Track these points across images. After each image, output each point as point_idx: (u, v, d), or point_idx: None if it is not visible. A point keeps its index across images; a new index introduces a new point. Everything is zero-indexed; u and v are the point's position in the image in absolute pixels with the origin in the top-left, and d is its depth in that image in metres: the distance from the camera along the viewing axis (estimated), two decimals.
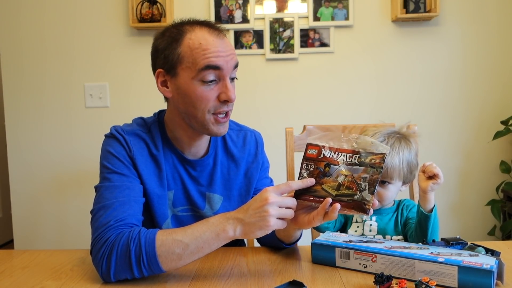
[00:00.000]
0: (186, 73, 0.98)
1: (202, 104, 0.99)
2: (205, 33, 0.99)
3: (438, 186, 1.03)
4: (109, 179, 0.99)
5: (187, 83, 0.99)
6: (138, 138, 1.06)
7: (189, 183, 1.10)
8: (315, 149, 0.91)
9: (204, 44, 0.97)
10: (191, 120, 1.03)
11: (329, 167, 0.88)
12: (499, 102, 2.34)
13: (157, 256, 0.86)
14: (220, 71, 0.98)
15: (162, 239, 0.87)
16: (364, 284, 0.86)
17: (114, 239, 0.89)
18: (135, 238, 0.87)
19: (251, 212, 0.86)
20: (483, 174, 2.37)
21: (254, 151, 1.19)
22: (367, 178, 0.84)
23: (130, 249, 0.86)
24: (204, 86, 0.98)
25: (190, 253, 0.87)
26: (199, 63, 0.97)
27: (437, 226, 1.07)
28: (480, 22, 2.31)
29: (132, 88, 2.37)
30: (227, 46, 1.01)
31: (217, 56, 0.97)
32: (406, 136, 1.18)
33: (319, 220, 0.88)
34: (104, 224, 0.92)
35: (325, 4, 2.29)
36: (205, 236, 0.87)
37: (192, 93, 0.99)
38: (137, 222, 0.95)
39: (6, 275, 0.95)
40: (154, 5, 2.26)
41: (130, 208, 0.96)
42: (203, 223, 0.89)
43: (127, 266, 0.87)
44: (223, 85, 1.00)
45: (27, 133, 2.40)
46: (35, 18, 2.35)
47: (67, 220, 2.40)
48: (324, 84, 2.36)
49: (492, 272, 0.78)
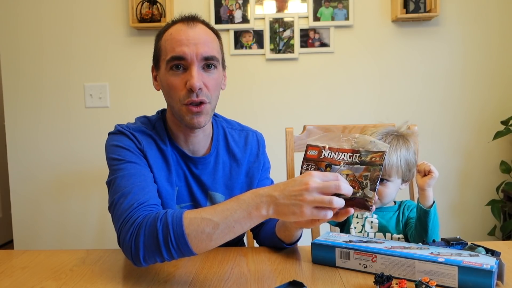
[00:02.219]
0: (163, 65, 1.02)
1: (174, 93, 1.01)
2: (179, 25, 1.02)
3: (434, 180, 1.06)
4: (122, 169, 0.98)
5: (164, 74, 1.02)
6: (144, 135, 1.07)
7: (191, 180, 1.11)
8: (315, 150, 0.92)
9: (173, 35, 1.00)
10: (173, 112, 1.05)
11: (330, 167, 0.89)
12: (499, 102, 2.34)
13: (186, 235, 0.81)
14: (185, 60, 0.99)
15: (190, 217, 0.82)
16: (364, 284, 0.86)
17: (142, 220, 0.86)
18: (162, 217, 0.84)
19: (287, 193, 0.78)
20: (483, 174, 2.37)
21: (255, 151, 1.19)
22: (368, 176, 0.85)
23: (157, 229, 0.82)
24: (173, 76, 1.00)
25: (220, 232, 0.81)
26: (168, 55, 1.00)
27: (437, 223, 1.08)
28: (480, 22, 2.31)
29: (132, 88, 2.37)
30: (196, 34, 1.00)
31: (181, 45, 0.98)
32: (404, 135, 1.19)
33: (323, 221, 0.88)
34: (128, 208, 0.89)
35: (325, 4, 2.29)
36: (236, 215, 0.81)
37: (165, 83, 1.02)
38: (159, 204, 0.95)
39: (6, 275, 0.95)
40: (154, 5, 2.25)
41: (150, 191, 0.95)
42: (233, 201, 0.82)
43: (156, 247, 0.83)
44: (188, 73, 0.99)
45: (27, 133, 2.40)
46: (35, 18, 2.35)
47: (67, 220, 2.40)
48: (324, 84, 2.36)
49: (492, 272, 0.78)
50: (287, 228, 1.00)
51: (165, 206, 1.05)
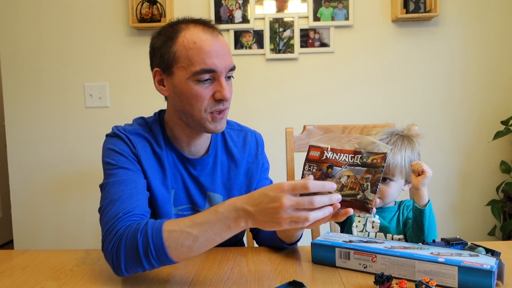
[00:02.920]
0: (182, 72, 0.99)
1: (198, 103, 0.99)
2: (199, 31, 0.99)
3: (428, 179, 1.06)
4: (114, 175, 0.99)
5: (183, 82, 0.99)
6: (140, 137, 1.06)
7: (189, 182, 1.11)
8: (318, 151, 0.92)
9: (198, 43, 0.97)
10: (188, 118, 1.03)
11: (331, 169, 0.89)
12: (500, 102, 2.34)
13: (166, 247, 0.82)
14: (215, 73, 0.99)
15: (170, 229, 0.83)
16: (364, 284, 0.86)
17: (123, 231, 0.87)
18: (142, 229, 0.84)
19: (262, 210, 0.78)
20: (484, 174, 2.37)
21: (254, 152, 1.19)
22: (369, 178, 0.85)
23: (137, 241, 0.83)
24: (199, 85, 0.99)
25: (200, 244, 0.82)
26: (195, 66, 0.97)
27: (434, 222, 1.08)
28: (480, 22, 2.31)
29: (132, 88, 2.37)
30: (222, 45, 1.01)
31: (211, 57, 0.97)
32: (409, 137, 1.20)
33: (323, 221, 0.88)
34: (113, 217, 0.90)
35: (325, 4, 2.29)
36: (215, 228, 0.81)
37: (187, 92, 0.99)
38: (146, 213, 0.95)
39: (6, 275, 0.95)
40: (154, 5, 2.25)
41: (138, 200, 0.95)
42: (212, 213, 0.82)
43: (137, 258, 0.84)
44: (218, 84, 0.99)
45: (27, 133, 2.40)
46: (35, 18, 2.35)
47: (67, 220, 2.40)
48: (324, 84, 2.35)
49: (492, 272, 0.78)
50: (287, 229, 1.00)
51: (162, 209, 1.05)
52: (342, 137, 0.92)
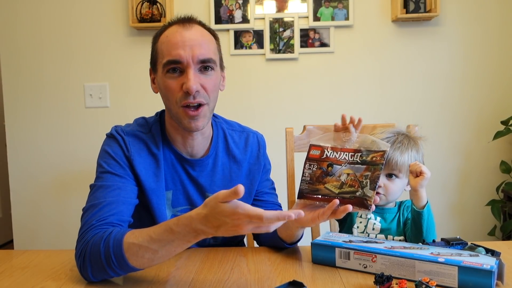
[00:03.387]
0: (160, 68, 1.02)
1: (171, 96, 1.01)
2: (175, 27, 1.01)
3: (426, 181, 1.06)
4: (102, 178, 1.01)
5: (161, 77, 1.02)
6: (137, 139, 1.07)
7: (187, 183, 1.10)
8: (318, 150, 0.92)
9: (169, 37, 1.00)
10: (172, 115, 1.05)
11: (331, 167, 0.90)
12: (499, 102, 2.34)
13: (126, 258, 0.83)
14: (181, 63, 0.98)
15: (129, 242, 0.82)
16: (364, 284, 0.86)
17: (90, 239, 0.88)
18: (106, 238, 0.85)
19: (221, 230, 0.75)
20: (483, 174, 2.37)
21: (256, 153, 1.18)
22: (368, 176, 0.85)
23: (100, 250, 0.85)
24: (169, 78, 1.00)
25: (161, 256, 0.82)
26: (164, 58, 1.00)
27: (433, 223, 1.08)
28: (480, 22, 2.31)
29: (132, 88, 2.37)
30: (192, 36, 0.99)
31: (177, 48, 0.98)
32: (414, 139, 1.21)
33: (323, 219, 0.88)
34: (87, 224, 0.93)
35: (325, 4, 2.29)
36: (175, 244, 0.80)
37: (162, 86, 1.02)
38: (119, 222, 0.94)
39: (6, 275, 0.95)
40: (154, 5, 2.25)
41: (115, 208, 0.95)
42: (168, 232, 0.79)
43: (100, 266, 0.85)
44: (184, 76, 0.99)
45: (27, 133, 2.40)
46: (35, 18, 2.35)
47: (67, 220, 2.40)
48: (324, 84, 2.35)
49: (492, 272, 0.78)
50: (288, 228, 1.00)
51: (156, 210, 1.05)
52: (342, 136, 0.93)
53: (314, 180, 0.92)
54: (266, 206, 1.17)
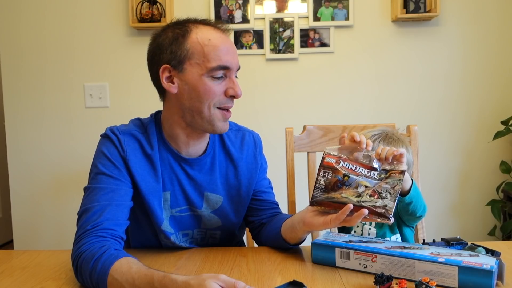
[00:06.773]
0: (195, 69, 1.00)
1: (209, 98, 1.01)
2: (211, 29, 1.03)
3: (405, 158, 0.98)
4: (96, 180, 1.00)
5: (196, 78, 1.00)
6: (132, 138, 1.06)
7: (186, 183, 1.10)
8: (334, 158, 0.93)
9: (213, 41, 1.00)
10: (195, 116, 1.03)
11: (348, 177, 0.90)
12: (499, 102, 2.34)
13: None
14: (229, 70, 1.02)
15: (113, 277, 0.82)
16: (364, 284, 0.86)
17: (84, 250, 0.89)
18: (96, 260, 0.85)
19: None
20: (483, 174, 2.37)
21: (252, 152, 1.18)
22: (387, 188, 0.86)
23: (88, 269, 0.85)
24: (213, 81, 1.01)
25: None
26: (211, 62, 0.99)
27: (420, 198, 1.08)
28: (480, 22, 2.31)
29: (132, 88, 2.37)
30: (232, 44, 1.05)
31: (226, 54, 1.00)
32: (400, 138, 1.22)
33: (335, 224, 0.88)
34: (81, 228, 0.93)
35: (325, 4, 2.29)
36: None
37: (200, 87, 1.00)
38: (114, 227, 0.95)
39: (6, 275, 0.95)
40: (154, 5, 2.26)
41: (109, 212, 0.95)
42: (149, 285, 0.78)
43: (85, 279, 0.86)
44: (230, 81, 1.02)
45: (27, 133, 2.40)
46: (35, 18, 2.35)
47: (67, 220, 2.40)
48: (324, 84, 2.36)
49: (492, 272, 0.78)
50: (295, 230, 1.00)
51: (152, 211, 1.05)
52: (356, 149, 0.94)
53: (329, 188, 0.92)
54: (264, 205, 1.18)
